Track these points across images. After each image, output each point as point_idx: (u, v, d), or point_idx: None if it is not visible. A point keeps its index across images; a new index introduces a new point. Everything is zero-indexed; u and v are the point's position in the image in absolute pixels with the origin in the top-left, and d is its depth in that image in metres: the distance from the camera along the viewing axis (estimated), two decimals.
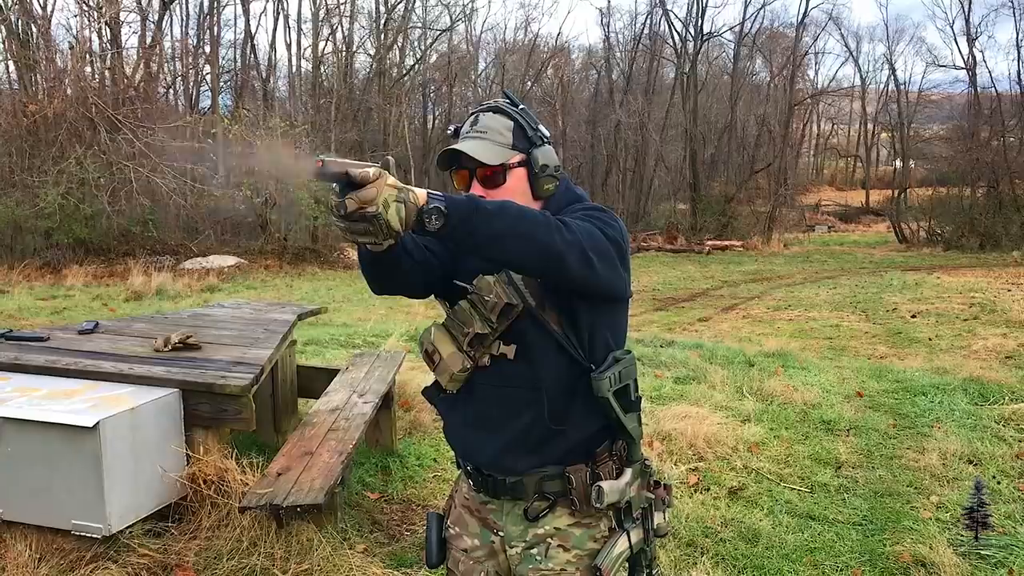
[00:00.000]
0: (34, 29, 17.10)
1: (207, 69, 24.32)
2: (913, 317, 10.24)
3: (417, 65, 29.96)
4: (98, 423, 2.79)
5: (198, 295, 12.77)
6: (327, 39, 26.65)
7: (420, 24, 29.36)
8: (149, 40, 20.19)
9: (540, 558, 1.58)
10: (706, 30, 28.97)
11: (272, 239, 18.63)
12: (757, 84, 33.91)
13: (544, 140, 1.60)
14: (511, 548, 1.62)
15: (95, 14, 18.09)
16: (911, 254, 22.58)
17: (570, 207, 1.58)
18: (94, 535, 2.87)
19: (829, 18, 41.65)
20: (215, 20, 23.52)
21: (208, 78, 24.50)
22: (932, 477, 4.15)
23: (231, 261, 17.14)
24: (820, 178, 46.91)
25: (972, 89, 26.69)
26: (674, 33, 28.89)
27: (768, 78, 32.75)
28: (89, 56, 18.13)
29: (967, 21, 26.99)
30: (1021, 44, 28.44)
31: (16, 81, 17.94)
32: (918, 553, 3.20)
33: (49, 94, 16.29)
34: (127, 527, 2.99)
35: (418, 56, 30.12)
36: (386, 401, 4.18)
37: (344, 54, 27.03)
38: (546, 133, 1.62)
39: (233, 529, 3.07)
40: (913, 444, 4.69)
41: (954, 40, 47.94)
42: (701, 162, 27.94)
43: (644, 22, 31.17)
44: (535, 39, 34.16)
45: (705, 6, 28.45)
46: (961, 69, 28.36)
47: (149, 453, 3.04)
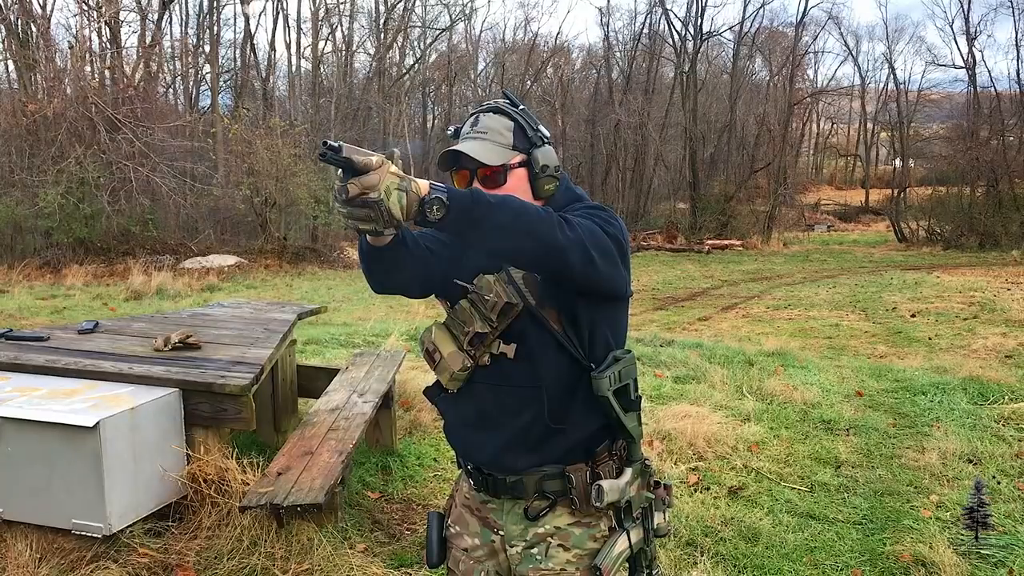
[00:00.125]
0: (34, 29, 17.10)
1: (207, 68, 24.35)
2: (913, 316, 10.24)
3: (417, 65, 29.99)
4: (98, 423, 2.80)
5: (198, 294, 12.77)
6: (327, 39, 26.71)
7: (420, 23, 29.40)
8: (149, 40, 20.21)
9: (540, 557, 1.59)
10: (706, 29, 29.04)
11: (272, 238, 18.63)
12: (757, 83, 33.90)
13: (544, 140, 1.60)
14: (511, 547, 1.63)
15: (95, 14, 18.10)
16: (911, 253, 22.58)
17: (570, 206, 1.58)
18: (94, 535, 2.87)
19: (829, 17, 41.79)
20: (215, 20, 23.55)
21: (208, 77, 24.53)
22: (932, 476, 4.15)
23: (231, 260, 17.13)
24: (820, 177, 46.87)
25: (971, 88, 26.72)
26: (674, 32, 28.94)
27: (768, 77, 32.78)
28: (89, 56, 18.15)
29: (966, 20, 27.06)
30: (1020, 43, 28.57)
31: (16, 81, 17.97)
32: (918, 552, 3.20)
33: (49, 94, 16.30)
34: (127, 527, 3.00)
35: (418, 56, 30.16)
36: (386, 401, 4.18)
37: (344, 54, 27.07)
38: (546, 133, 1.62)
39: (233, 529, 3.07)
40: (913, 443, 4.69)
41: (953, 39, 47.96)
42: (701, 161, 27.95)
43: (644, 21, 31.18)
44: (535, 38, 34.24)
45: (704, 5, 28.57)
46: (960, 68, 28.43)
47: (149, 453, 3.05)
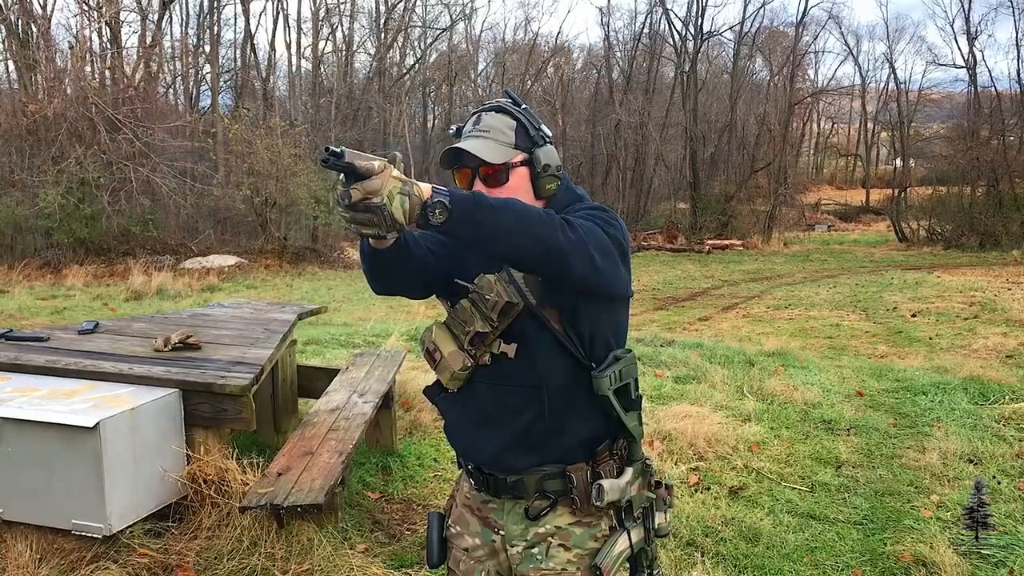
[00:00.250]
0: (34, 29, 17.11)
1: (207, 68, 24.35)
2: (913, 316, 10.24)
3: (417, 64, 30.00)
4: (98, 423, 2.79)
5: (198, 295, 12.77)
6: (327, 38, 26.71)
7: (420, 23, 29.40)
8: (149, 40, 20.21)
9: (541, 557, 1.58)
10: (706, 29, 29.03)
11: (272, 239, 18.63)
12: (757, 83, 33.90)
13: (546, 140, 1.60)
14: (512, 547, 1.62)
15: (95, 14, 18.10)
16: (911, 253, 22.58)
17: (571, 206, 1.58)
18: (94, 535, 2.87)
19: (829, 17, 41.82)
20: (215, 20, 23.55)
21: (208, 77, 24.54)
22: (932, 476, 4.14)
23: (231, 261, 17.13)
24: (820, 177, 46.87)
25: (972, 88, 26.73)
26: (674, 32, 28.95)
27: (768, 77, 32.79)
28: (89, 56, 18.15)
29: (967, 20, 27.06)
30: (1021, 43, 28.46)
31: (16, 81, 17.96)
32: (919, 552, 3.20)
33: (49, 94, 16.31)
34: (127, 527, 2.99)
35: (418, 55, 30.17)
36: (386, 401, 4.18)
37: (344, 53, 27.07)
38: (548, 133, 1.62)
39: (233, 529, 3.07)
40: (913, 443, 4.69)
41: (954, 39, 48.07)
42: (701, 161, 27.95)
43: (644, 21, 31.19)
44: (535, 38, 34.30)
45: (705, 5, 28.52)
46: (961, 68, 28.43)
47: (149, 453, 3.04)
